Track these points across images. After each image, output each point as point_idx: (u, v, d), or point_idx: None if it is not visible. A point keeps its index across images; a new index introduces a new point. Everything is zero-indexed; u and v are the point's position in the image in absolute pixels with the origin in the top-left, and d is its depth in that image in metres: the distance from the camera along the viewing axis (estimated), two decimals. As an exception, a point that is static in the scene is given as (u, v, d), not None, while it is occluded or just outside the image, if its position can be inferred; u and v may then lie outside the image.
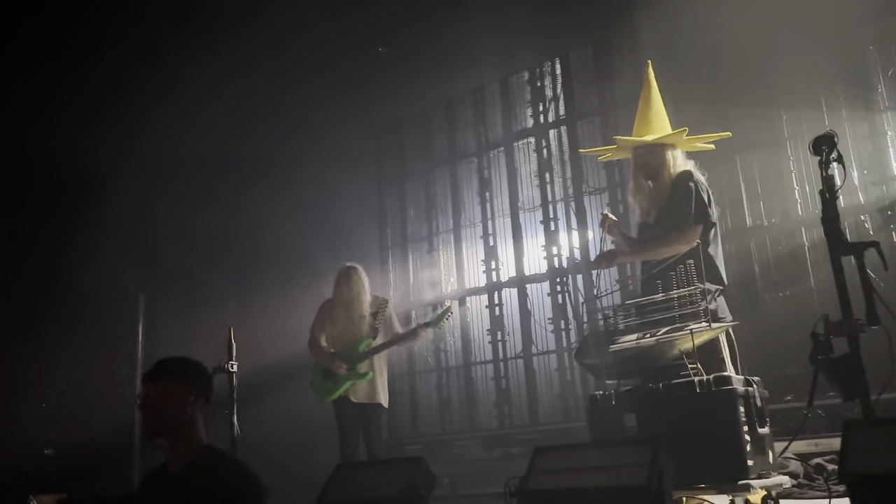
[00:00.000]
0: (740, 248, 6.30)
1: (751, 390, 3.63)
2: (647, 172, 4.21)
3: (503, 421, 7.63)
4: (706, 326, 3.63)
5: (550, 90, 7.97)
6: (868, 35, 6.10)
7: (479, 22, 7.23)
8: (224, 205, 8.17)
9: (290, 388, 6.16)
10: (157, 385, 2.66)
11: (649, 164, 4.19)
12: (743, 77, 6.21)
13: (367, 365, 5.34)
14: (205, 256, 8.45)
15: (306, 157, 8.40)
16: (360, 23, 7.29)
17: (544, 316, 7.55)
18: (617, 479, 2.66)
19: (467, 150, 8.52)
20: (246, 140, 8.25)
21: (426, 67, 7.94)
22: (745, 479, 3.35)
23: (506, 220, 8.04)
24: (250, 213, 8.20)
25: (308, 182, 8.33)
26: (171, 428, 2.63)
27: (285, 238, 8.30)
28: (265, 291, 7.84)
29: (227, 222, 8.03)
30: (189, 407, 2.66)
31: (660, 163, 4.17)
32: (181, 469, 2.62)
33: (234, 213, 8.09)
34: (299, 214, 8.30)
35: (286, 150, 8.42)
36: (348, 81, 7.98)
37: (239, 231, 8.10)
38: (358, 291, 5.47)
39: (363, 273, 5.57)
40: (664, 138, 4.18)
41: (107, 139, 7.50)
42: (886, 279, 3.64)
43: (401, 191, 8.96)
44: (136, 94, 7.57)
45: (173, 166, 8.27)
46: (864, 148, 5.97)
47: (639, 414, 3.71)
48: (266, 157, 8.43)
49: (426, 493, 3.05)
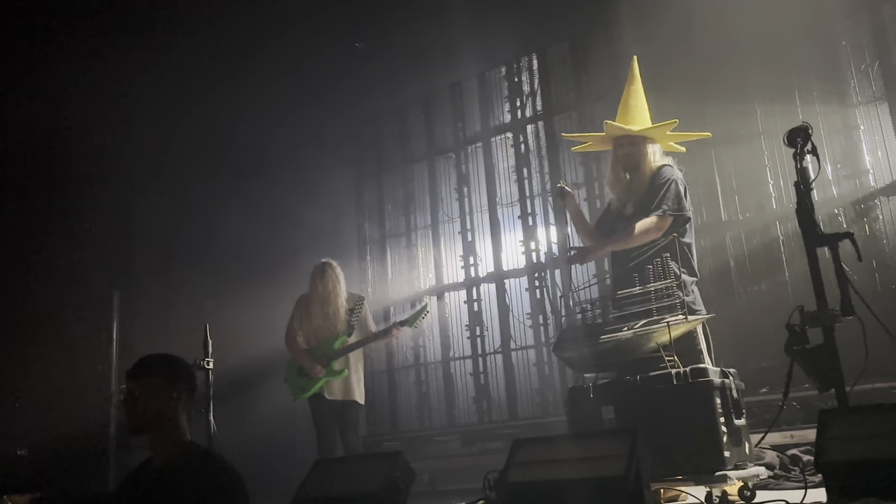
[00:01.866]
0: (715, 242, 6.35)
1: (727, 382, 3.65)
2: (627, 164, 4.22)
3: (482, 416, 7.63)
4: (682, 319, 3.65)
5: (528, 85, 7.97)
6: (841, 30, 6.17)
7: (457, 17, 7.22)
8: (200, 202, 8.11)
9: (267, 385, 6.13)
10: (140, 381, 2.64)
11: (630, 156, 4.20)
12: (717, 72, 6.26)
13: (343, 362, 5.30)
14: (180, 254, 8.38)
15: (283, 154, 8.35)
16: (338, 18, 7.25)
17: (523, 311, 7.56)
18: (595, 471, 2.67)
19: (445, 145, 8.50)
20: (223, 137, 8.20)
21: (404, 63, 7.92)
22: (722, 470, 3.37)
23: (484, 216, 8.04)
24: (226, 210, 8.14)
25: (285, 178, 8.29)
26: (155, 424, 2.62)
27: (262, 235, 8.24)
28: (241, 288, 7.78)
29: (202, 219, 7.97)
30: (173, 403, 2.65)
31: (641, 154, 4.18)
32: (164, 465, 2.62)
33: (210, 210, 8.02)
34: (276, 211, 8.24)
35: (263, 147, 8.36)
36: (325, 77, 7.93)
37: (215, 228, 8.03)
38: (334, 286, 5.43)
39: (339, 269, 5.53)
40: (653, 128, 4.20)
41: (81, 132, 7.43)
42: (860, 270, 3.69)
43: (378, 186, 8.93)
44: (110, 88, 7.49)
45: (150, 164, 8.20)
46: (838, 142, 6.04)
47: (617, 406, 3.73)
48: (243, 153, 8.38)
49: (405, 488, 3.04)
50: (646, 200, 4.11)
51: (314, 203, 8.18)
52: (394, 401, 8.22)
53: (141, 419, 2.62)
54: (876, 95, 5.99)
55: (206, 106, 7.90)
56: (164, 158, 8.19)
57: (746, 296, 6.21)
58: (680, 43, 6.21)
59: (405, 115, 8.80)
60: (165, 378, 2.67)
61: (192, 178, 8.22)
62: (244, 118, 8.08)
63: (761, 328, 5.67)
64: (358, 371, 5.42)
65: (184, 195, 8.15)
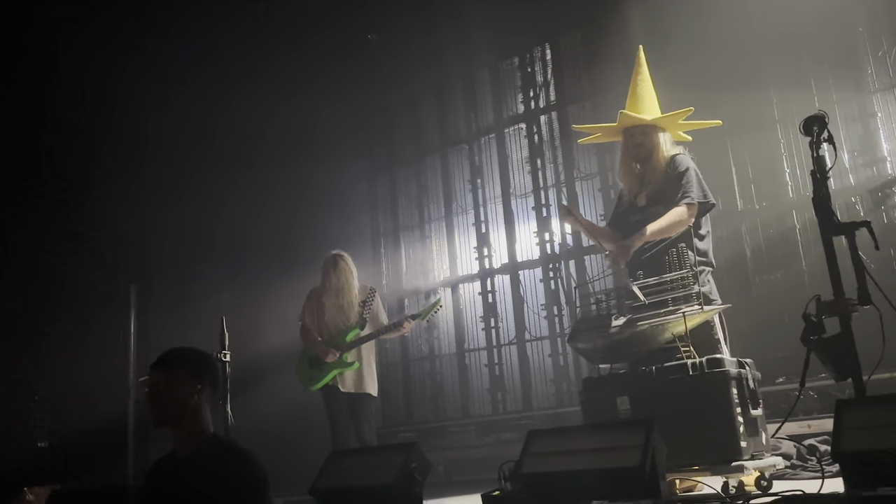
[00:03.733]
0: (731, 231, 6.31)
1: (743, 372, 3.64)
2: (638, 154, 4.19)
3: (497, 407, 7.64)
4: (698, 309, 3.64)
5: (541, 76, 7.95)
6: (857, 16, 6.09)
7: (469, 8, 7.20)
8: (214, 196, 8.14)
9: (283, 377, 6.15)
10: (165, 374, 2.69)
11: (642, 146, 4.16)
12: (732, 60, 6.19)
13: (355, 354, 5.29)
14: (196, 247, 8.43)
15: (296, 147, 8.37)
16: (351, 9, 7.24)
17: (537, 302, 7.56)
18: (611, 462, 2.66)
19: (458, 136, 8.49)
20: (236, 131, 8.23)
21: (416, 54, 7.90)
22: (739, 460, 3.37)
23: (497, 207, 8.03)
24: (241, 204, 8.18)
25: (299, 171, 8.30)
26: (179, 416, 2.66)
27: (276, 228, 8.27)
28: (257, 281, 7.82)
29: (217, 213, 8.00)
30: (196, 396, 2.69)
31: (653, 144, 4.15)
32: (187, 457, 2.66)
33: (224, 204, 8.06)
34: (290, 204, 8.27)
35: (276, 141, 8.38)
36: (338, 69, 7.93)
37: (230, 222, 8.07)
38: (347, 278, 5.42)
39: (350, 260, 5.51)
40: (667, 117, 4.17)
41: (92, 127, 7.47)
42: (878, 259, 3.65)
43: (392, 179, 8.93)
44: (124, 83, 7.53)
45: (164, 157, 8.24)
46: (854, 130, 5.98)
47: (632, 397, 3.72)
48: (256, 147, 8.40)
49: (421, 479, 3.04)
50: (661, 190, 4.09)
51: (328, 196, 8.20)
52: (409, 392, 8.25)
53: (165, 411, 2.66)
54: (893, 82, 5.92)
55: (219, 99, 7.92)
56: (179, 153, 8.23)
57: (763, 285, 6.17)
58: (694, 30, 6.15)
59: (417, 107, 8.79)
60: (190, 371, 2.71)
61: (207, 173, 8.25)
62: (257, 112, 8.09)
63: (778, 318, 5.63)
64: (370, 363, 5.41)
65: (199, 189, 8.18)
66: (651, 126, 4.16)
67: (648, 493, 2.60)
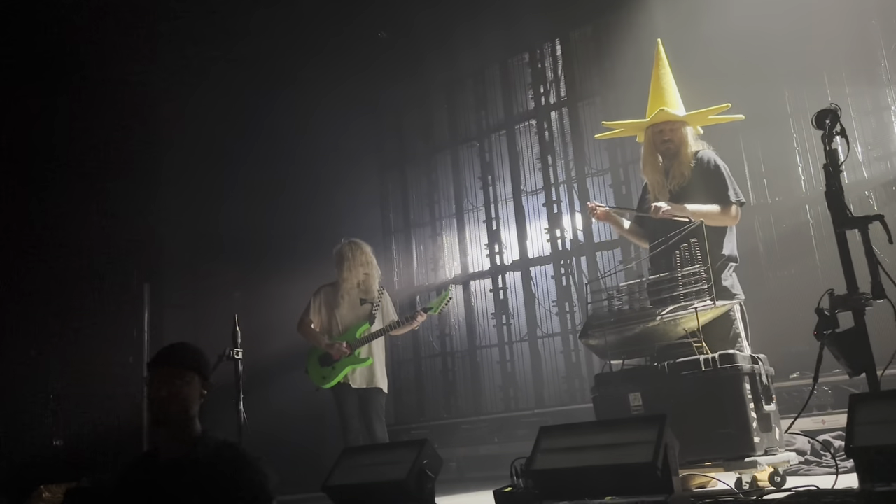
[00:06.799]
0: (744, 226, 6.16)
1: (756, 368, 3.62)
2: (668, 149, 4.15)
3: (509, 404, 7.64)
4: (710, 305, 3.62)
5: (551, 72, 7.92)
6: (871, 9, 6.03)
7: (479, 4, 7.18)
8: (227, 194, 8.19)
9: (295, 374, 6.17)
10: (177, 374, 2.58)
11: (671, 141, 4.13)
12: (744, 54, 6.14)
13: (366, 350, 5.28)
14: (209, 246, 8.47)
15: (307, 145, 8.39)
16: (362, 5, 7.24)
17: (549, 298, 7.55)
18: (623, 458, 2.66)
19: (468, 133, 8.49)
20: (247, 128, 8.26)
21: (426, 51, 7.90)
22: (752, 456, 3.35)
23: (508, 204, 8.02)
24: (254, 202, 8.21)
25: (309, 169, 8.33)
26: (180, 417, 2.57)
27: (288, 226, 8.30)
28: (268, 279, 7.85)
29: (229, 212, 8.04)
30: (200, 399, 2.63)
31: (680, 139, 4.13)
32: (179, 457, 2.56)
33: (236, 202, 8.10)
34: (301, 202, 8.29)
35: (287, 138, 8.41)
36: (348, 66, 7.93)
37: (242, 220, 8.11)
38: (368, 263, 5.39)
39: (368, 247, 5.49)
40: (700, 113, 4.16)
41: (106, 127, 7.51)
42: (891, 253, 3.62)
43: (402, 176, 8.94)
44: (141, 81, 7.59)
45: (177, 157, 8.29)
46: (868, 123, 5.93)
47: (644, 393, 3.70)
48: (267, 145, 8.43)
49: (433, 476, 3.05)
50: (687, 184, 4.07)
51: (339, 193, 8.22)
52: (421, 389, 8.26)
53: (170, 411, 2.55)
54: (907, 75, 5.87)
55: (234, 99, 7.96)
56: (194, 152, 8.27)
57: (776, 280, 6.13)
58: (705, 24, 6.11)
59: (428, 104, 8.79)
60: (200, 374, 2.64)
61: (220, 172, 8.29)
62: (271, 111, 8.13)
63: (791, 313, 5.58)
64: (381, 359, 5.39)
65: (212, 188, 8.23)
66: (677, 122, 4.14)
67: (661, 490, 2.59)
